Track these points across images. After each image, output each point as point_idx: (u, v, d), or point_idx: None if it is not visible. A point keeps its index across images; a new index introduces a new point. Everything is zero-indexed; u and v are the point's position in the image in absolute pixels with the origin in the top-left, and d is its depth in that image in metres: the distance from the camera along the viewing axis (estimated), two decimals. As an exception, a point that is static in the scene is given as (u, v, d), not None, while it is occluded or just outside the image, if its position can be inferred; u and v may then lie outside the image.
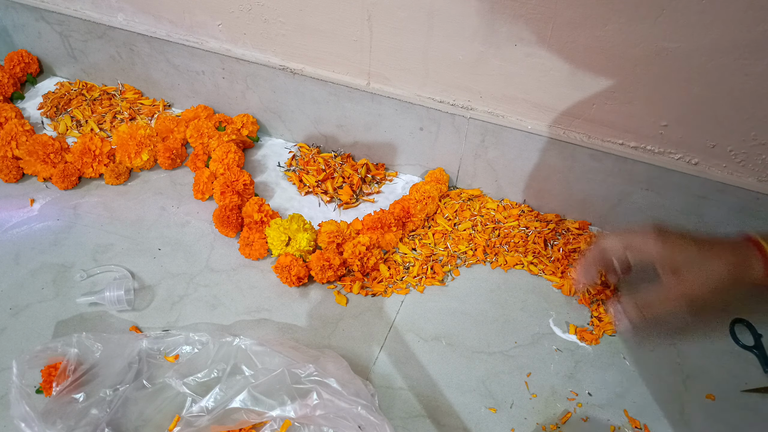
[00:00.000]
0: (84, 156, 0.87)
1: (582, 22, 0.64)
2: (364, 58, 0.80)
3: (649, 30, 0.62)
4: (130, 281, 0.75)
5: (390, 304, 0.74)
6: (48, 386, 0.60)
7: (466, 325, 0.72)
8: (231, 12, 0.84)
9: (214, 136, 0.91)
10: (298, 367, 0.59)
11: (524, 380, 0.66)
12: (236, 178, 0.84)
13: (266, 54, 0.87)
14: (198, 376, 0.62)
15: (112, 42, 0.97)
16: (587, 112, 0.72)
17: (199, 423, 0.57)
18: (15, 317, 0.71)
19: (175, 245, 0.81)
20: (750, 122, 0.65)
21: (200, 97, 0.99)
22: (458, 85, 0.77)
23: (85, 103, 1.02)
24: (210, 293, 0.75)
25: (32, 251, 0.79)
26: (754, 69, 0.60)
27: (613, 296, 0.73)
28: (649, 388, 0.66)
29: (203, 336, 0.65)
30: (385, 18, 0.74)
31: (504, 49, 0.71)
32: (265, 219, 0.80)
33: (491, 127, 0.78)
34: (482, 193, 0.87)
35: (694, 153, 0.70)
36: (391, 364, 0.68)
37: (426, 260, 0.78)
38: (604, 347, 0.69)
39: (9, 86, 1.02)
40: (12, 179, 0.88)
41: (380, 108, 0.84)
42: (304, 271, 0.74)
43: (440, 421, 0.63)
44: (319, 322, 0.72)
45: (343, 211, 0.87)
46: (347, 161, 0.91)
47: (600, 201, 0.79)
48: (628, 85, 0.67)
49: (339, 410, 0.56)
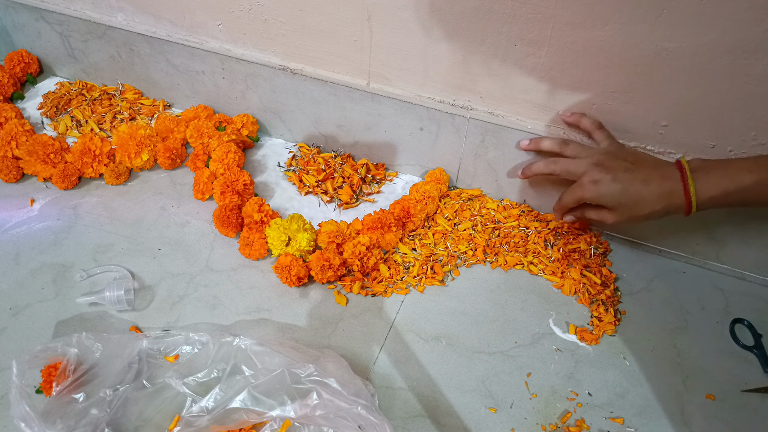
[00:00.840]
0: (84, 156, 0.87)
1: (582, 22, 0.64)
2: (364, 58, 0.80)
3: (649, 30, 0.62)
4: (130, 281, 0.75)
5: (390, 304, 0.74)
6: (48, 386, 0.60)
7: (466, 325, 0.72)
8: (231, 12, 0.84)
9: (214, 136, 0.91)
10: (298, 367, 0.59)
11: (524, 380, 0.66)
12: (236, 178, 0.84)
13: (266, 54, 0.87)
14: (198, 376, 0.62)
15: (112, 42, 0.97)
16: (587, 112, 0.72)
17: (199, 423, 0.57)
18: (15, 317, 0.71)
19: (175, 245, 0.81)
20: (750, 122, 0.65)
21: (200, 97, 0.99)
22: (458, 85, 0.77)
23: (85, 103, 1.02)
24: (210, 293, 0.75)
25: (32, 251, 0.79)
26: (754, 69, 0.60)
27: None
28: (649, 388, 0.66)
29: (203, 336, 0.65)
30: (385, 18, 0.74)
31: (504, 49, 0.71)
32: (265, 219, 0.80)
33: (491, 127, 0.78)
34: (482, 193, 0.87)
35: (694, 153, 0.70)
36: (391, 364, 0.68)
37: (426, 260, 0.78)
38: (604, 347, 0.70)
39: (9, 86, 1.02)
40: (12, 179, 0.88)
41: (380, 108, 0.84)
42: (304, 271, 0.74)
43: (440, 421, 0.63)
44: (319, 322, 0.72)
45: (343, 211, 0.87)
46: (347, 161, 0.91)
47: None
48: (628, 85, 0.67)
49: (339, 410, 0.56)
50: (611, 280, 0.76)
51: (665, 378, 0.67)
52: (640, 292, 0.75)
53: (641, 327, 0.72)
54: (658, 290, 0.76)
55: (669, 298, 0.75)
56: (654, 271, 0.78)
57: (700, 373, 0.67)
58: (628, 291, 0.76)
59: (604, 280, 0.76)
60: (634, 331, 0.71)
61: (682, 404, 0.64)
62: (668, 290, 0.76)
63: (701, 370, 0.67)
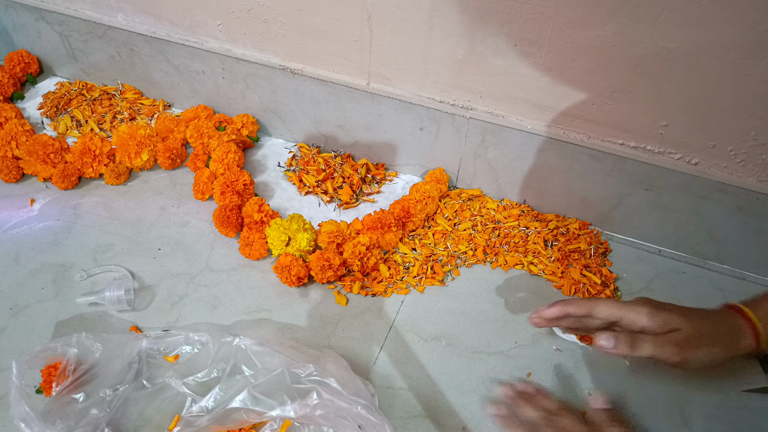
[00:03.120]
0: (84, 156, 0.87)
1: (582, 22, 0.64)
2: (364, 58, 0.80)
3: (649, 30, 0.62)
4: (130, 281, 0.75)
5: (390, 304, 0.74)
6: (48, 386, 0.60)
7: (466, 325, 0.72)
8: (231, 12, 0.84)
9: (214, 136, 0.91)
10: (298, 367, 0.59)
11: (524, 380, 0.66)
12: (236, 178, 0.84)
13: (266, 54, 0.87)
14: (198, 376, 0.62)
15: (112, 42, 0.97)
16: (587, 112, 0.72)
17: (199, 423, 0.57)
18: (15, 317, 0.71)
19: (175, 245, 0.81)
20: (750, 122, 0.65)
21: (200, 97, 0.99)
22: (458, 85, 0.77)
23: (85, 103, 1.02)
24: (210, 293, 0.75)
25: (32, 251, 0.79)
26: (754, 69, 0.60)
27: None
28: (649, 388, 0.66)
29: (203, 336, 0.65)
30: (385, 18, 0.74)
31: (504, 49, 0.71)
32: (265, 219, 0.80)
33: (491, 127, 0.78)
34: (482, 193, 0.87)
35: (694, 153, 0.70)
36: (391, 364, 0.68)
37: (426, 260, 0.78)
38: (604, 347, 0.69)
39: (9, 86, 1.02)
40: (12, 179, 0.88)
41: (380, 108, 0.84)
42: (304, 271, 0.74)
43: (440, 421, 0.63)
44: (319, 322, 0.72)
45: (343, 211, 0.87)
46: (347, 161, 0.91)
47: (600, 201, 0.79)
48: (628, 85, 0.67)
49: (339, 410, 0.56)
50: (611, 280, 0.76)
51: (665, 378, 0.66)
52: (640, 292, 0.75)
53: (641, 327, 0.72)
54: (658, 290, 0.76)
55: (669, 298, 0.75)
56: (654, 271, 0.78)
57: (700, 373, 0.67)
58: (628, 291, 0.75)
59: (604, 280, 0.76)
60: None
61: (682, 404, 0.64)
62: (668, 290, 0.76)
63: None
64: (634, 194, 0.76)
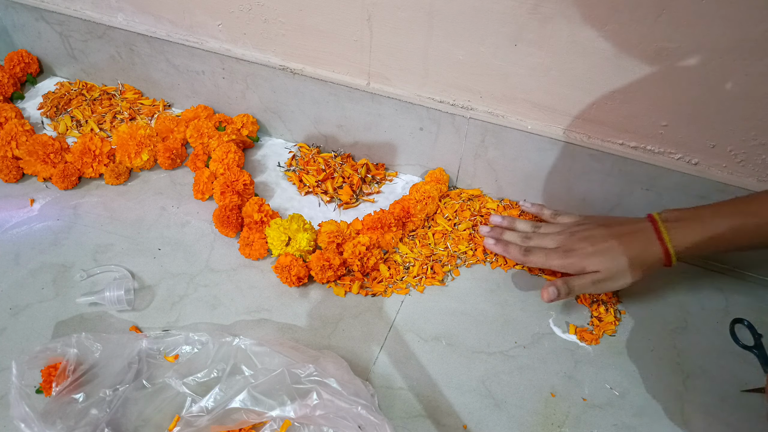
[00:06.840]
0: (84, 156, 0.87)
1: (582, 22, 0.64)
2: (364, 58, 0.80)
3: (649, 30, 0.62)
4: (130, 281, 0.75)
5: (390, 304, 0.74)
6: (48, 386, 0.60)
7: (466, 325, 0.72)
8: (231, 12, 0.84)
9: (214, 136, 0.91)
10: (298, 367, 0.59)
11: (524, 380, 0.66)
12: (236, 178, 0.84)
13: (266, 54, 0.87)
14: (198, 376, 0.63)
15: (112, 42, 0.97)
16: (587, 112, 0.72)
17: (198, 423, 0.57)
18: (15, 317, 0.71)
19: (175, 245, 0.81)
20: (750, 122, 0.65)
21: (200, 97, 0.99)
22: (458, 85, 0.77)
23: (85, 103, 1.02)
24: (210, 293, 0.75)
25: (32, 251, 0.79)
26: (754, 69, 0.60)
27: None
28: (649, 388, 0.66)
29: (203, 336, 0.65)
30: (385, 18, 0.74)
31: (504, 49, 0.71)
32: (265, 219, 0.80)
33: (491, 127, 0.78)
34: (482, 193, 0.87)
35: (694, 153, 0.70)
36: (391, 364, 0.68)
37: (426, 260, 0.78)
38: (604, 347, 0.70)
39: (9, 86, 1.02)
40: (12, 179, 0.88)
41: (380, 108, 0.84)
42: (304, 271, 0.74)
43: (440, 421, 0.63)
44: (319, 322, 0.72)
45: (343, 211, 0.87)
46: (347, 161, 0.91)
47: (600, 201, 0.79)
48: (627, 85, 0.67)
49: (339, 410, 0.56)
50: (611, 280, 0.76)
51: (665, 378, 0.67)
52: (640, 292, 0.75)
53: (641, 327, 0.72)
54: (658, 290, 0.76)
55: (669, 298, 0.75)
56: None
57: (700, 373, 0.67)
58: (628, 291, 0.75)
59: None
60: (634, 331, 0.71)
61: (682, 404, 0.64)
62: (668, 290, 0.76)
63: (701, 370, 0.67)
64: (634, 194, 0.76)
